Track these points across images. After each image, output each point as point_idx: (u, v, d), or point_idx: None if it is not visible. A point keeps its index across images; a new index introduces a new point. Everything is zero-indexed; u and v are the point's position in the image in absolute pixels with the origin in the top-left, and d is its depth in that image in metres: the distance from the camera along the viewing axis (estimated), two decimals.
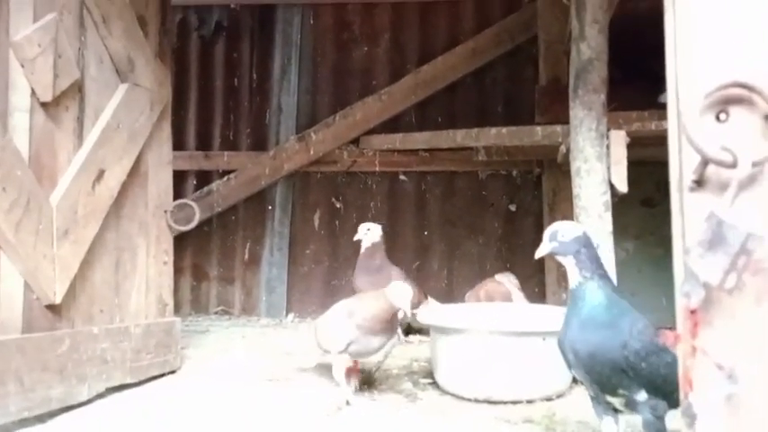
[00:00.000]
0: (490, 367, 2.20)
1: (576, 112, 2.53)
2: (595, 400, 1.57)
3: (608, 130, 2.52)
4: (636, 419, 1.52)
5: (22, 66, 1.89)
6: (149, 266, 2.51)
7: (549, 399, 2.24)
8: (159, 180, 2.58)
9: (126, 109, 2.32)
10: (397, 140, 3.99)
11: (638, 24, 2.79)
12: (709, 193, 0.89)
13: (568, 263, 1.53)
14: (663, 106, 2.93)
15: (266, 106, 4.34)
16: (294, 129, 4.26)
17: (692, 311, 0.87)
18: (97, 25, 2.20)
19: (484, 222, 4.09)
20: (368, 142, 4.12)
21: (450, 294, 3.97)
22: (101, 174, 2.18)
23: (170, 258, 2.65)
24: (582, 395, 2.33)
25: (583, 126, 2.50)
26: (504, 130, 3.50)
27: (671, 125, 0.96)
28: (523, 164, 3.96)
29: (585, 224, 2.48)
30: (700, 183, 0.89)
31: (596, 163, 2.48)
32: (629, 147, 2.58)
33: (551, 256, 1.57)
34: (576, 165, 2.52)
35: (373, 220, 4.16)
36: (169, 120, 2.67)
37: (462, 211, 4.11)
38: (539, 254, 1.57)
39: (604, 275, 1.53)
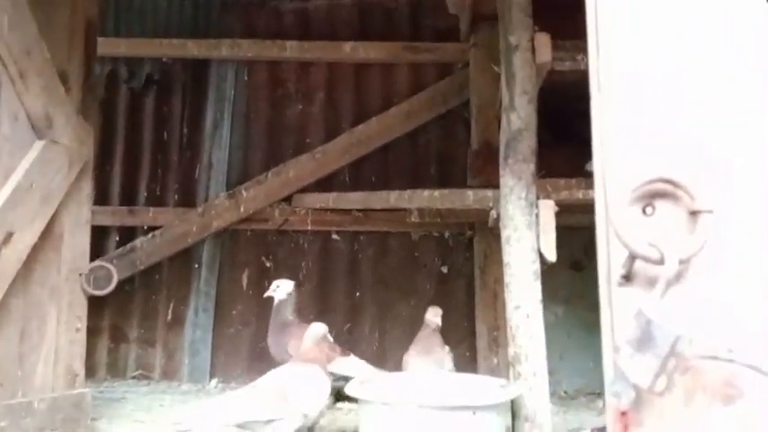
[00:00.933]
0: None
1: (506, 180, 2.54)
2: None
3: (537, 198, 2.55)
4: None
5: None
6: (59, 335, 2.35)
7: None
8: (75, 242, 2.44)
9: (40, 168, 2.20)
10: (330, 199, 3.94)
11: (564, 92, 2.85)
12: (639, 289, 0.87)
13: None
14: (589, 174, 2.98)
15: (196, 161, 4.24)
16: (225, 185, 4.16)
17: (623, 413, 0.83)
18: (14, 81, 2.09)
19: (416, 284, 4.05)
20: (300, 200, 4.06)
21: (382, 357, 3.89)
22: (8, 237, 2.04)
23: (83, 325, 2.49)
24: None
25: (513, 194, 2.51)
26: (436, 192, 3.49)
27: (599, 216, 0.94)
28: (456, 226, 3.97)
29: (515, 294, 2.47)
30: (628, 278, 0.87)
31: (526, 231, 2.48)
32: (557, 214, 2.61)
33: None
34: (506, 233, 2.52)
35: (306, 281, 4.10)
36: (89, 178, 2.55)
37: (395, 272, 4.07)
38: None
39: None
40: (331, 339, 2.44)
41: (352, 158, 4.09)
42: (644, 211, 0.88)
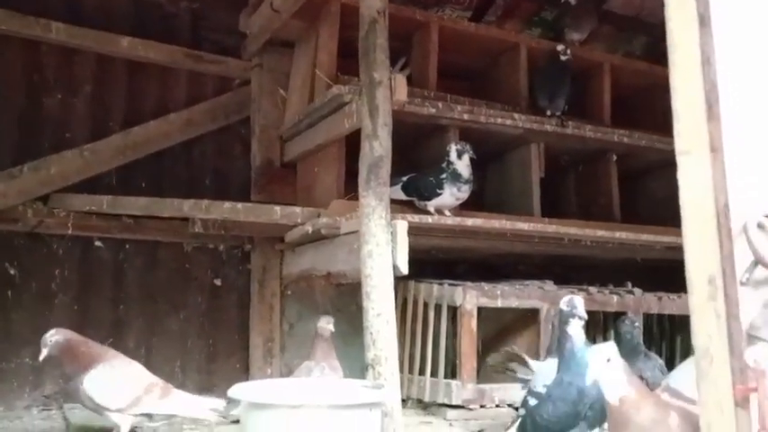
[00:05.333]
0: None
1: (369, 200, 2.82)
2: None
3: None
4: None
5: None
6: None
7: None
8: None
9: None
10: (104, 202, 3.57)
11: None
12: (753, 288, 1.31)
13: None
14: (421, 210, 3.48)
15: None
16: None
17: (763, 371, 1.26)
18: None
19: (186, 297, 3.94)
20: (61, 201, 3.60)
21: None
22: None
23: None
24: None
25: (375, 214, 2.80)
26: (239, 205, 3.52)
27: (692, 241, 1.37)
28: (232, 239, 3.99)
29: (376, 302, 2.75)
30: (749, 279, 1.31)
31: (385, 247, 2.79)
32: None
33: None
34: (367, 248, 2.78)
35: (60, 292, 3.65)
36: None
37: (164, 285, 3.89)
38: None
39: None
40: None
41: (125, 161, 3.81)
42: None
